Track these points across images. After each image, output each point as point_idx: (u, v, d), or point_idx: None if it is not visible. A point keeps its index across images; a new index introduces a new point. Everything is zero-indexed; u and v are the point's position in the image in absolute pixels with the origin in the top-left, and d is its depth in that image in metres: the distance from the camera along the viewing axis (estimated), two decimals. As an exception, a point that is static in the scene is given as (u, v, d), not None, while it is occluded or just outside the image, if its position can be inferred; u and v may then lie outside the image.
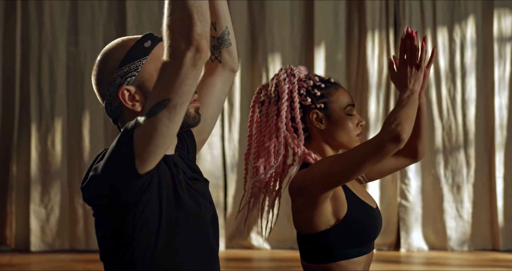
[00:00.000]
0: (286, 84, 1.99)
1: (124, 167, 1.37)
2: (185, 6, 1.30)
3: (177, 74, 1.32)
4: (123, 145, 1.37)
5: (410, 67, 1.91)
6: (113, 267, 1.46)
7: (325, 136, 2.00)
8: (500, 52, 5.72)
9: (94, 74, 1.53)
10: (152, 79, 1.48)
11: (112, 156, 1.38)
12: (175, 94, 1.33)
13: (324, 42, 5.83)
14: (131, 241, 1.43)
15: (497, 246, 5.63)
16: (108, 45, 1.54)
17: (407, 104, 1.85)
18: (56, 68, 5.83)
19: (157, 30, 1.50)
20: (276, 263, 5.28)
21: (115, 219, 1.43)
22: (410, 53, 1.92)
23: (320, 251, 1.93)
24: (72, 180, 5.83)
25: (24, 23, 5.85)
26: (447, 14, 5.78)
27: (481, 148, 5.73)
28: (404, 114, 1.82)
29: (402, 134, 1.78)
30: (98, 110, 5.82)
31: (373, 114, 5.75)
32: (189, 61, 1.31)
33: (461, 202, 5.69)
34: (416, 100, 1.88)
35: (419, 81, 1.91)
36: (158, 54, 1.50)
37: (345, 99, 2.01)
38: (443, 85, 5.75)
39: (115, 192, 1.40)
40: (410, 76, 1.91)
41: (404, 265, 5.25)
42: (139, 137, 1.35)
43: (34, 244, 5.76)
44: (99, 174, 1.40)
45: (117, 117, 1.52)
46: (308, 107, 1.99)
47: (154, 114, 1.34)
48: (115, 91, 1.49)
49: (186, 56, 1.31)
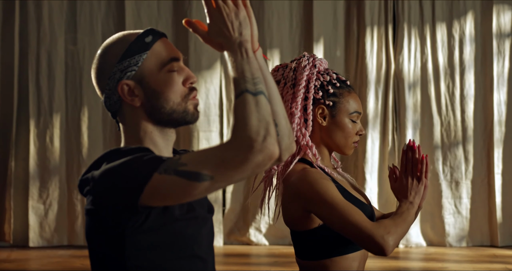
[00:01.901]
0: (306, 71, 1.98)
1: (124, 201, 1.36)
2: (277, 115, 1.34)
3: (237, 167, 1.28)
4: (133, 178, 1.34)
5: (411, 179, 1.93)
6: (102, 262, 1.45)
7: (323, 133, 1.99)
8: (499, 48, 5.72)
9: (94, 68, 1.53)
10: (152, 75, 1.47)
11: (116, 180, 1.36)
12: (222, 177, 1.30)
13: (323, 38, 5.83)
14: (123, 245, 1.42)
15: (495, 242, 5.64)
16: (109, 39, 1.53)
17: (406, 219, 1.87)
18: (54, 64, 5.83)
19: (156, 28, 1.50)
20: (275, 259, 5.29)
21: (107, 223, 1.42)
22: (411, 165, 1.93)
23: (315, 247, 1.92)
24: (71, 176, 5.83)
25: (22, 20, 5.84)
26: (446, 10, 5.78)
27: (479, 144, 5.73)
28: (399, 229, 1.84)
29: (387, 248, 1.80)
30: (97, 107, 5.82)
31: (372, 111, 5.75)
32: (255, 164, 1.28)
33: (459, 198, 5.70)
34: (413, 214, 1.89)
35: (419, 194, 1.92)
36: (159, 49, 1.49)
37: (355, 105, 2.00)
38: (442, 82, 5.74)
39: (109, 215, 1.39)
40: (411, 188, 1.92)
41: (403, 261, 5.26)
42: (158, 182, 1.32)
43: (33, 240, 5.76)
44: (96, 191, 1.39)
45: (116, 111, 1.52)
46: (318, 100, 1.98)
47: (188, 178, 1.31)
48: (114, 86, 1.48)
49: (255, 157, 1.27)
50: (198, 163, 1.31)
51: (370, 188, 5.69)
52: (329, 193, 1.85)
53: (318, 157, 1.96)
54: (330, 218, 1.84)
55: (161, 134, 1.50)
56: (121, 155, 1.41)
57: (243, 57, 1.34)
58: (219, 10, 1.36)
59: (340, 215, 1.82)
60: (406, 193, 1.92)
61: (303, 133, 1.96)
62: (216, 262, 1.62)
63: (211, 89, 5.81)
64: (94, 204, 1.40)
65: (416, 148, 1.92)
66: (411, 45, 5.77)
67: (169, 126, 1.51)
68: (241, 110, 1.29)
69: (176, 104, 1.48)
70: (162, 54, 1.49)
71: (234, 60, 1.34)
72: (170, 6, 5.89)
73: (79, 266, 4.94)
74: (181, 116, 1.48)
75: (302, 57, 2.01)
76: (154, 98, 1.47)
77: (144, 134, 1.49)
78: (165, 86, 1.47)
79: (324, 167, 1.96)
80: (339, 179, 1.98)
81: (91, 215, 1.42)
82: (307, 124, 1.97)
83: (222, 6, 1.35)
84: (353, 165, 5.79)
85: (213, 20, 1.37)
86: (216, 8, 1.36)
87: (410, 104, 5.73)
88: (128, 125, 1.51)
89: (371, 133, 5.74)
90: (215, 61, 5.85)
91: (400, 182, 1.94)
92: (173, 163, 1.33)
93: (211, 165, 1.30)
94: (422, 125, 5.76)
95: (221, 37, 1.37)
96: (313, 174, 1.89)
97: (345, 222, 1.81)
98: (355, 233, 1.81)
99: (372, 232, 1.79)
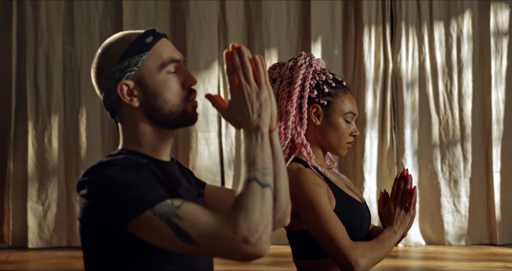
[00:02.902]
0: (302, 70, 1.98)
1: (113, 223, 1.35)
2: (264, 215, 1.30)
3: (224, 249, 1.28)
4: (126, 206, 1.33)
5: (400, 208, 1.94)
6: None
7: (317, 132, 1.99)
8: (496, 46, 5.72)
9: (93, 67, 1.52)
10: (151, 75, 1.46)
11: (110, 201, 1.35)
12: (207, 249, 1.30)
13: (320, 37, 5.83)
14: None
15: (494, 240, 5.64)
16: (109, 38, 1.53)
17: (384, 247, 1.88)
18: (52, 65, 5.82)
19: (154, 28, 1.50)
20: (274, 258, 5.29)
21: None
22: (402, 195, 1.95)
23: (310, 247, 1.93)
24: (69, 176, 5.82)
25: (20, 20, 5.84)
26: (443, 9, 5.78)
27: (478, 143, 5.73)
28: (375, 255, 1.85)
29: (359, 268, 1.82)
30: (95, 108, 5.82)
31: (370, 110, 5.75)
32: (242, 254, 1.28)
33: (458, 196, 5.70)
34: (394, 243, 1.91)
35: (404, 224, 1.94)
36: (159, 50, 1.48)
37: (349, 105, 2.00)
38: (440, 80, 5.75)
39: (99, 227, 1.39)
40: (397, 217, 1.94)
41: (402, 259, 5.26)
42: (148, 221, 1.31)
43: (32, 241, 5.76)
44: (90, 203, 1.39)
45: (114, 111, 1.51)
46: (312, 99, 1.99)
47: (176, 233, 1.30)
48: (113, 85, 1.47)
49: (246, 249, 1.27)
50: (192, 224, 1.30)
51: (368, 187, 5.70)
52: (318, 200, 1.86)
53: (312, 156, 1.96)
54: (313, 225, 1.85)
55: (159, 136, 1.50)
56: (120, 167, 1.39)
57: (257, 142, 1.35)
58: (240, 89, 1.37)
59: (322, 225, 1.84)
60: (392, 221, 1.94)
61: (298, 131, 1.96)
62: (215, 262, 1.62)
63: (209, 89, 5.80)
64: (86, 213, 1.41)
65: (409, 178, 1.95)
66: (409, 44, 5.77)
67: (167, 128, 1.50)
68: (247, 198, 1.30)
69: (175, 106, 1.47)
70: (163, 55, 1.48)
71: (248, 144, 1.35)
72: (168, 6, 5.89)
73: (78, 267, 4.94)
74: (180, 118, 1.48)
75: (299, 56, 2.02)
76: (153, 99, 1.46)
77: (142, 135, 1.49)
78: (164, 88, 1.47)
79: (318, 166, 1.96)
80: (333, 178, 1.98)
81: (83, 220, 1.42)
82: (302, 123, 1.97)
83: (244, 86, 1.37)
84: (352, 164, 5.79)
85: (234, 98, 1.38)
86: (238, 86, 1.37)
87: (408, 103, 5.73)
88: (127, 126, 1.50)
89: (369, 132, 5.74)
90: (213, 61, 5.85)
91: (388, 208, 1.96)
92: (170, 210, 1.32)
93: (203, 233, 1.29)
94: (420, 124, 5.76)
95: (239, 117, 1.38)
96: (307, 177, 1.89)
97: (325, 233, 1.83)
98: (332, 247, 1.83)
99: (348, 251, 1.82)
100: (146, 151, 1.49)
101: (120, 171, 1.38)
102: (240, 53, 1.38)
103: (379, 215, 1.98)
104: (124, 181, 1.36)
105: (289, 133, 1.96)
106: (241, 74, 1.37)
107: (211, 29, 5.85)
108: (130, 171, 1.38)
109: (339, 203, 1.92)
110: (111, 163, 1.41)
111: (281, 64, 2.04)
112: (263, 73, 1.37)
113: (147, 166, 1.41)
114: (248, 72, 1.37)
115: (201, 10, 5.84)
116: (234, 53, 1.38)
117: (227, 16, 5.87)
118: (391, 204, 1.95)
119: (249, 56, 1.38)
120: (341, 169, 5.81)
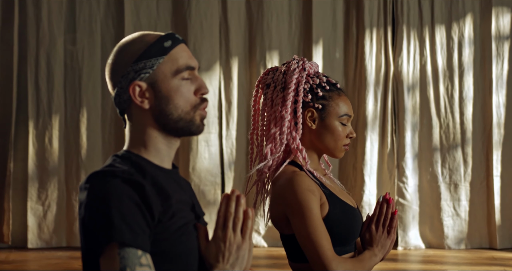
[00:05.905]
0: (295, 74, 1.98)
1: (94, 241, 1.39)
2: None
3: None
4: (102, 231, 1.35)
5: (381, 232, 1.96)
6: None
7: (313, 136, 2.00)
8: (498, 50, 5.72)
9: (109, 63, 1.52)
10: (165, 80, 1.47)
11: (94, 220, 1.37)
12: None
13: (322, 40, 5.83)
14: None
15: (494, 244, 5.64)
16: (128, 37, 1.53)
17: (364, 267, 1.90)
18: (53, 65, 5.82)
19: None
20: (273, 261, 5.29)
21: None
22: (385, 219, 1.96)
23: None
24: (70, 177, 5.82)
25: (21, 20, 5.84)
26: (445, 12, 5.78)
27: (478, 146, 5.73)
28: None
29: None
30: (96, 108, 5.82)
31: (371, 113, 5.75)
32: None
33: (458, 200, 5.70)
34: (373, 265, 1.93)
35: (385, 248, 1.96)
36: (176, 56, 1.49)
37: (344, 108, 2.00)
38: (441, 84, 5.75)
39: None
40: (378, 240, 1.96)
41: (401, 263, 5.26)
42: (113, 255, 1.34)
43: (31, 241, 5.76)
44: (83, 213, 1.41)
45: (124, 109, 1.52)
46: (307, 104, 1.99)
47: None
48: (126, 85, 1.48)
49: None
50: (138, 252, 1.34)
51: (369, 190, 5.69)
52: (310, 207, 1.86)
53: (308, 161, 1.96)
54: (300, 230, 1.86)
55: (165, 141, 1.51)
56: (120, 180, 1.40)
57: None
58: (224, 236, 1.41)
59: (310, 232, 1.84)
60: (373, 243, 1.95)
61: (294, 136, 1.97)
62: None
63: (210, 91, 5.80)
64: (81, 217, 1.42)
65: (391, 202, 1.95)
66: (410, 47, 5.77)
67: (173, 135, 1.51)
68: None
69: (184, 113, 1.48)
70: (179, 61, 1.49)
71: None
72: (169, 6, 5.88)
73: (78, 267, 4.94)
74: (187, 125, 1.48)
75: (292, 60, 2.02)
76: (164, 104, 1.47)
77: (149, 138, 1.50)
78: (177, 93, 1.48)
79: (313, 171, 1.96)
80: (327, 183, 1.98)
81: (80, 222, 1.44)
82: (297, 128, 1.97)
83: (229, 234, 1.41)
84: (352, 167, 5.78)
85: (215, 241, 1.42)
86: (223, 231, 1.41)
87: (409, 106, 5.73)
88: (134, 126, 1.51)
89: (370, 135, 5.73)
90: (214, 63, 5.85)
91: (370, 231, 1.96)
92: (133, 261, 1.33)
93: None
94: (421, 127, 5.76)
95: (213, 260, 1.42)
96: (301, 181, 1.90)
97: (311, 240, 1.84)
98: (314, 256, 1.84)
99: (329, 263, 1.83)
100: (150, 156, 1.50)
101: (119, 187, 1.38)
102: (237, 202, 1.42)
103: (360, 236, 1.99)
104: (116, 205, 1.36)
105: (284, 139, 1.96)
106: (230, 222, 1.41)
107: (213, 30, 5.85)
108: (127, 190, 1.38)
109: (333, 207, 1.92)
110: (113, 174, 1.41)
111: (274, 69, 2.05)
112: (250, 228, 1.41)
113: (144, 187, 1.40)
114: (237, 223, 1.41)
115: (202, 11, 5.84)
116: (233, 200, 1.41)
117: (229, 17, 5.87)
118: (372, 227, 1.96)
119: (244, 207, 1.41)
120: (341, 171, 5.81)
